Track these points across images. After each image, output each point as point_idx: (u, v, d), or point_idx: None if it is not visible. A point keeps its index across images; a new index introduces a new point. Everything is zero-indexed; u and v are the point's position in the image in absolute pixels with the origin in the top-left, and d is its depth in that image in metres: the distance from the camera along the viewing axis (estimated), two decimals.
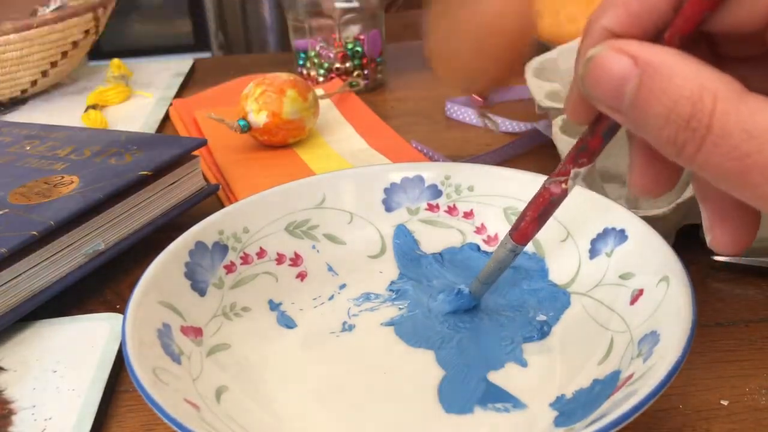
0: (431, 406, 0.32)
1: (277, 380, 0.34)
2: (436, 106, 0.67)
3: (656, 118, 0.19)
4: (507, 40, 0.37)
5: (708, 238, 0.24)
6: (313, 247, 0.40)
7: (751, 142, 0.18)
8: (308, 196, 0.41)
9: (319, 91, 0.66)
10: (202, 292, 0.35)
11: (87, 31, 0.71)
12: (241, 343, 0.35)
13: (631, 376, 0.28)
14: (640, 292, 0.32)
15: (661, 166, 0.24)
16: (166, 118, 0.68)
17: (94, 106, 0.68)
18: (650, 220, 0.35)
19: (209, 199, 0.49)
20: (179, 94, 0.74)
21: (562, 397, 0.31)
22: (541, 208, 0.30)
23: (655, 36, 0.21)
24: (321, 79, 0.72)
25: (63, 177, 0.44)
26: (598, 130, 0.26)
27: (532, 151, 0.57)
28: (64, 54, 0.70)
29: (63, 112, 0.70)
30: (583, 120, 0.25)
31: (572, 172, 0.28)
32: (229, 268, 0.37)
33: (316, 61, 0.72)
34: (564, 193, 0.29)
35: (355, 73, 0.72)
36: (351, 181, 0.41)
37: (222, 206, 0.42)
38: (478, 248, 0.40)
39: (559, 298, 0.36)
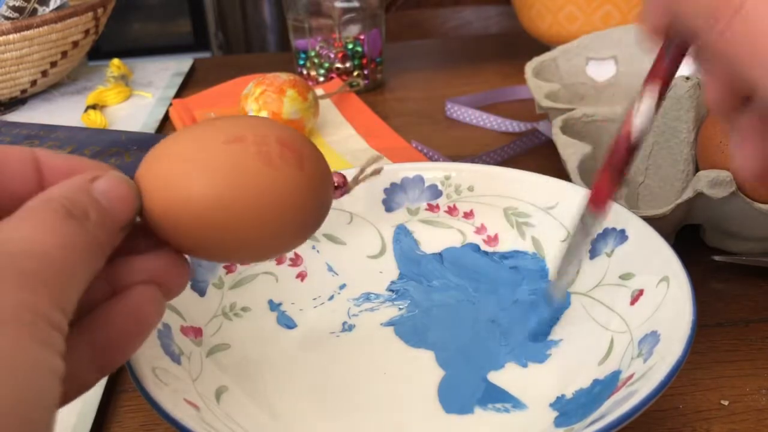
0: (431, 406, 0.32)
1: (277, 380, 0.34)
2: (436, 106, 0.67)
3: None
4: None
5: (736, 160, 0.25)
6: (313, 247, 0.40)
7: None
8: None
9: (319, 91, 0.66)
10: (201, 292, 0.35)
11: (87, 31, 0.71)
12: (241, 343, 0.35)
13: (631, 377, 0.28)
14: (641, 292, 0.32)
15: None
16: (166, 118, 0.68)
17: (93, 106, 0.68)
18: (650, 220, 0.35)
19: None
20: (179, 94, 0.74)
21: (562, 397, 0.31)
22: (612, 153, 0.27)
23: None
24: (321, 79, 0.72)
25: None
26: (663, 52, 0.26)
27: (532, 151, 0.57)
28: (64, 54, 0.70)
29: (63, 112, 0.69)
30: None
31: (646, 92, 0.27)
32: (229, 268, 0.37)
33: (316, 61, 0.72)
34: (630, 129, 0.26)
35: (355, 73, 0.72)
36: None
37: None
38: (478, 248, 0.40)
39: None
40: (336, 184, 0.26)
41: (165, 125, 0.67)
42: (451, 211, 0.41)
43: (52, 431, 0.17)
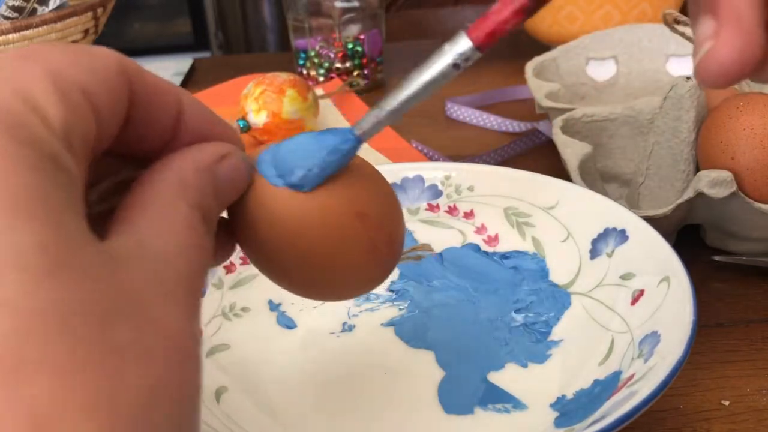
0: (431, 406, 0.32)
1: (277, 381, 0.33)
2: (436, 106, 0.67)
3: None
4: None
5: (704, 49, 0.20)
6: None
7: None
8: None
9: (319, 91, 0.66)
10: (201, 293, 0.35)
11: (86, 31, 0.71)
12: (241, 343, 0.35)
13: (631, 377, 0.28)
14: (641, 292, 0.32)
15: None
16: None
17: None
18: (650, 220, 0.35)
19: None
20: None
21: (562, 397, 0.31)
22: None
23: None
24: (321, 79, 0.72)
25: None
26: None
27: (532, 151, 0.57)
28: None
29: None
30: None
31: None
32: (229, 269, 0.37)
33: (316, 60, 0.72)
34: None
35: (355, 73, 0.72)
36: None
37: None
38: (479, 248, 0.40)
39: (559, 299, 0.36)
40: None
41: None
42: (452, 211, 0.41)
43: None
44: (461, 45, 0.20)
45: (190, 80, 0.79)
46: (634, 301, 0.32)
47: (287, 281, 0.24)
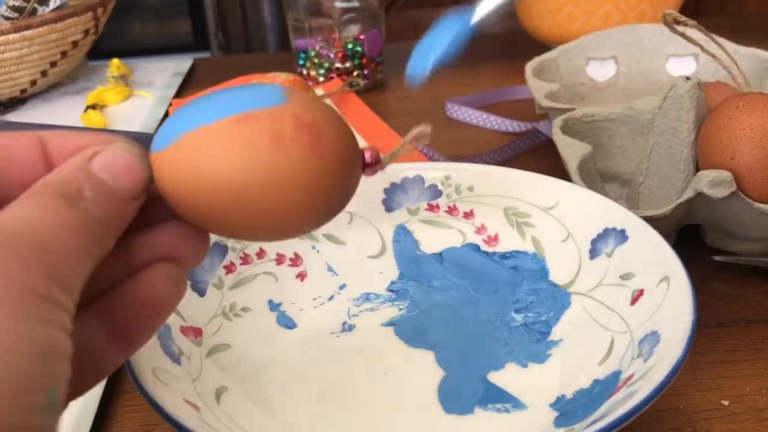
0: (431, 406, 0.32)
1: (277, 380, 0.33)
2: (436, 106, 0.67)
3: None
4: None
5: None
6: (313, 247, 0.40)
7: None
8: None
9: (319, 91, 0.66)
10: (201, 292, 0.35)
11: (86, 31, 0.71)
12: (241, 343, 0.35)
13: (631, 377, 0.28)
14: (641, 292, 0.32)
15: None
16: (166, 117, 0.68)
17: (93, 106, 0.68)
18: (650, 220, 0.35)
19: None
20: (179, 94, 0.74)
21: (562, 397, 0.31)
22: None
23: None
24: (321, 79, 0.72)
25: None
26: None
27: (532, 151, 0.57)
28: (64, 54, 0.70)
29: (62, 112, 0.69)
30: None
31: None
32: (229, 268, 0.37)
33: (316, 61, 0.72)
34: None
35: (355, 73, 0.72)
36: None
37: None
38: (478, 248, 0.40)
39: (559, 299, 0.36)
40: (367, 161, 0.25)
41: None
42: (451, 211, 0.41)
43: (59, 407, 0.16)
44: None
45: (190, 80, 0.79)
46: (634, 301, 0.32)
47: (242, 232, 0.23)
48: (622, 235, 0.35)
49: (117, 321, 0.21)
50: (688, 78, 0.40)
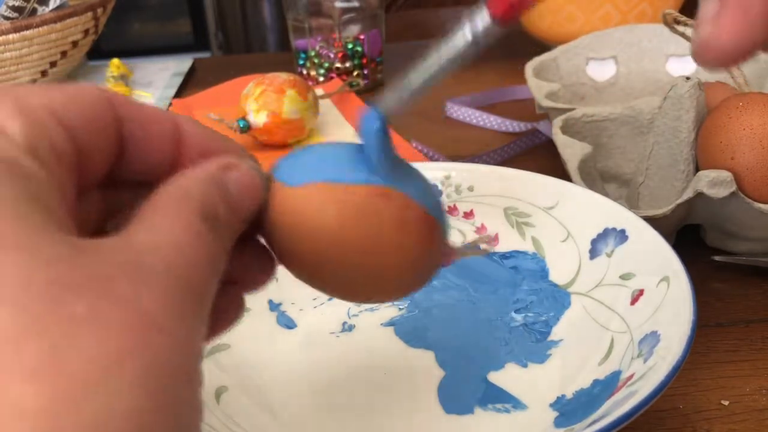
0: (431, 406, 0.32)
1: (277, 380, 0.33)
2: (436, 106, 0.67)
3: None
4: None
5: (704, 31, 0.19)
6: None
7: None
8: None
9: (319, 91, 0.66)
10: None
11: (86, 31, 0.71)
12: (241, 343, 0.35)
13: (631, 377, 0.28)
14: (641, 292, 0.32)
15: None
16: None
17: None
18: (650, 220, 0.35)
19: None
20: (179, 93, 0.74)
21: (562, 397, 0.31)
22: None
23: None
24: (321, 79, 0.72)
25: None
26: None
27: (532, 151, 0.57)
28: (64, 54, 0.70)
29: None
30: None
31: None
32: None
33: (316, 61, 0.72)
34: None
35: (355, 73, 0.72)
36: None
37: None
38: (478, 248, 0.40)
39: (559, 299, 0.36)
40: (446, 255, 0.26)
41: None
42: (451, 211, 0.41)
43: None
44: (481, 21, 0.19)
45: (190, 80, 0.79)
46: (634, 301, 0.32)
47: (329, 286, 0.24)
48: (622, 235, 0.35)
49: None
50: (688, 78, 0.40)
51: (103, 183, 0.20)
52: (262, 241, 0.23)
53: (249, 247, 0.22)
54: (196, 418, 0.16)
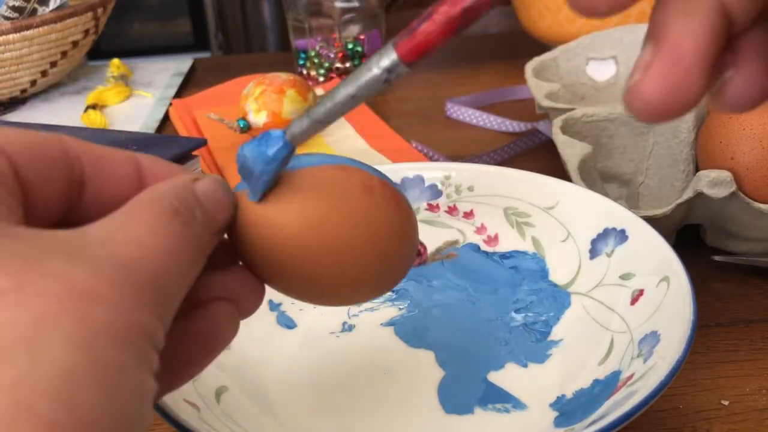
0: (431, 406, 0.32)
1: (277, 380, 0.33)
2: (436, 106, 0.67)
3: None
4: None
5: (632, 79, 0.18)
6: None
7: None
8: None
9: (319, 91, 0.66)
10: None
11: (86, 31, 0.71)
12: (241, 343, 0.34)
13: (631, 377, 0.28)
14: (641, 292, 0.32)
15: None
16: (166, 118, 0.68)
17: (93, 106, 0.68)
18: (650, 220, 0.35)
19: None
20: (179, 93, 0.74)
21: (562, 397, 0.31)
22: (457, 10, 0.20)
23: None
24: (321, 79, 0.72)
25: None
26: None
27: (532, 151, 0.57)
28: (64, 54, 0.70)
29: (62, 112, 0.69)
30: None
31: None
32: None
33: (316, 61, 0.72)
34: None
35: None
36: None
37: None
38: (478, 248, 0.40)
39: (559, 299, 0.36)
40: (420, 251, 0.26)
41: (165, 125, 0.67)
42: (451, 211, 0.41)
43: None
44: (388, 59, 0.20)
45: (190, 80, 0.79)
46: (634, 301, 0.32)
47: (297, 293, 0.24)
48: (622, 235, 0.35)
49: (172, 354, 0.20)
50: None
51: (71, 222, 0.20)
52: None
53: (233, 271, 0.23)
54: (139, 393, 0.16)
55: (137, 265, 0.17)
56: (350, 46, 0.71)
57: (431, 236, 0.40)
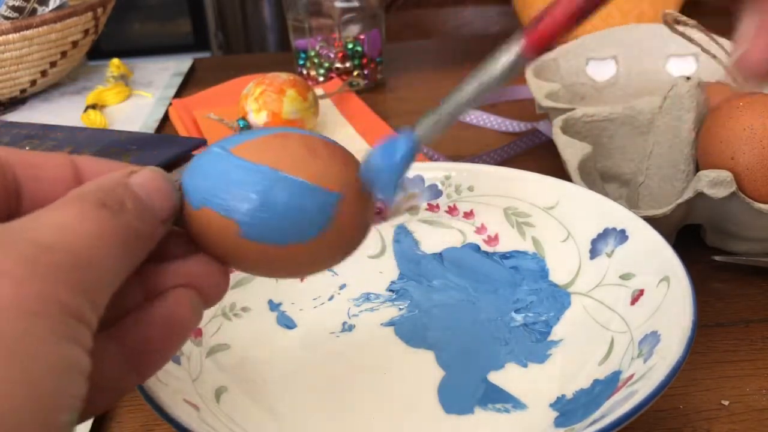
0: (431, 406, 0.32)
1: (277, 381, 0.33)
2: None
3: None
4: None
5: (742, 48, 0.22)
6: None
7: None
8: None
9: (319, 91, 0.66)
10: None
11: (86, 31, 0.71)
12: (241, 343, 0.35)
13: (631, 377, 0.28)
14: (641, 292, 0.32)
15: None
16: (166, 118, 0.68)
17: (93, 106, 0.68)
18: (650, 220, 0.35)
19: None
20: (179, 93, 0.74)
21: (562, 397, 0.31)
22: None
23: None
24: (321, 79, 0.72)
25: None
26: None
27: (532, 151, 0.57)
28: (64, 54, 0.70)
29: (62, 112, 0.69)
30: None
31: None
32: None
33: (316, 61, 0.72)
34: None
35: (355, 73, 0.72)
36: None
37: None
38: (478, 248, 0.40)
39: (559, 299, 0.36)
40: (376, 209, 0.25)
41: (165, 125, 0.67)
42: (451, 211, 0.41)
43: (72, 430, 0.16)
44: (516, 48, 0.21)
45: (190, 80, 0.79)
46: (634, 301, 0.32)
47: (259, 271, 0.24)
48: (622, 235, 0.35)
49: (135, 343, 0.21)
50: (688, 78, 0.40)
51: None
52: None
53: (195, 259, 0.23)
54: (55, 364, 0.16)
55: (56, 247, 0.17)
56: (350, 46, 0.71)
57: (432, 236, 0.40)
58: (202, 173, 0.22)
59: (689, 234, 0.43)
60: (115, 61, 0.77)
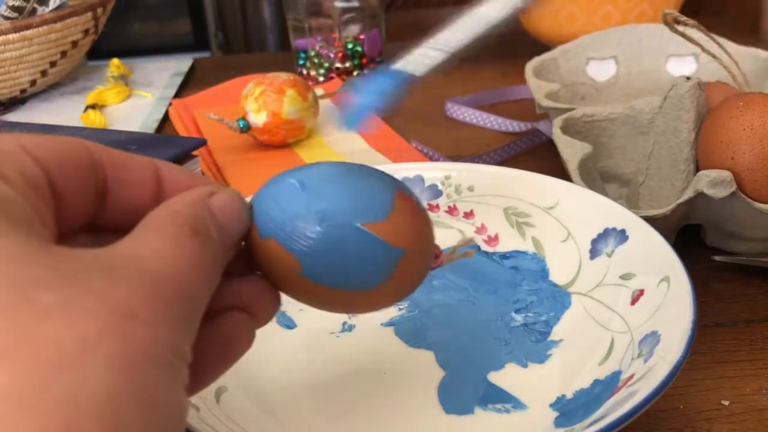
0: (431, 406, 0.32)
1: (277, 380, 0.33)
2: (436, 106, 0.67)
3: None
4: None
5: None
6: None
7: None
8: None
9: (319, 91, 0.66)
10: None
11: (86, 31, 0.71)
12: None
13: (631, 377, 0.28)
14: (641, 292, 0.32)
15: None
16: (166, 117, 0.68)
17: (93, 106, 0.68)
18: (650, 220, 0.35)
19: None
20: (179, 93, 0.74)
21: (562, 397, 0.31)
22: None
23: None
24: (321, 79, 0.72)
25: None
26: None
27: (532, 151, 0.57)
28: (64, 54, 0.70)
29: (62, 112, 0.69)
30: None
31: None
32: None
33: (316, 61, 0.72)
34: None
35: (355, 73, 0.72)
36: None
37: None
38: (479, 248, 0.40)
39: (559, 299, 0.36)
40: (437, 253, 0.26)
41: (164, 125, 0.67)
42: (452, 211, 0.41)
43: None
44: None
45: (190, 80, 0.79)
46: (634, 301, 0.32)
47: (315, 303, 0.24)
48: (622, 235, 0.35)
49: (191, 363, 0.21)
50: (688, 78, 0.40)
51: (92, 227, 0.21)
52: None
53: (248, 279, 0.23)
54: (176, 411, 0.16)
55: (164, 279, 0.17)
56: (350, 46, 0.71)
57: None
58: (275, 203, 0.22)
59: (689, 234, 0.43)
60: (115, 61, 0.77)
